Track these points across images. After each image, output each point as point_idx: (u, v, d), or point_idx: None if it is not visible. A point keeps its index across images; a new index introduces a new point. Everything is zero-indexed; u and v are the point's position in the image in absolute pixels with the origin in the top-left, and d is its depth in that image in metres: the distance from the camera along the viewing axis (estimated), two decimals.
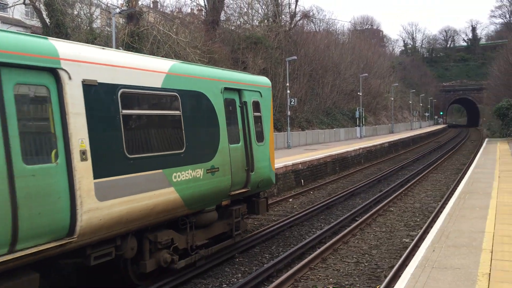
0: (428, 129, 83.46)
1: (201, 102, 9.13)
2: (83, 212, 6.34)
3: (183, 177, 8.32)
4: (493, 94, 72.22)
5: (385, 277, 9.03)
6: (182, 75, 8.76)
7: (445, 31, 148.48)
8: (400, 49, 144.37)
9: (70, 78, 6.36)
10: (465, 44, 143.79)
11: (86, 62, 6.73)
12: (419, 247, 8.51)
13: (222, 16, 44.96)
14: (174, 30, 31.64)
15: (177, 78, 8.52)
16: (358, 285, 8.99)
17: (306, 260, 10.00)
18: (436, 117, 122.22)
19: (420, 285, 6.32)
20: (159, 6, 43.14)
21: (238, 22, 49.47)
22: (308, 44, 51.40)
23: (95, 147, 6.58)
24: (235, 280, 9.29)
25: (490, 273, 6.71)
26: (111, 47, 22.66)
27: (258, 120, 11.19)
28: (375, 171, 27.71)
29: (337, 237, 11.92)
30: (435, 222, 10.52)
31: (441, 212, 11.64)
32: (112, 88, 7.05)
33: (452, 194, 14.78)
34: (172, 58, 22.04)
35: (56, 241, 6.05)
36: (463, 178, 18.50)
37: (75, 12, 31.95)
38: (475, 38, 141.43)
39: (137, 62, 7.81)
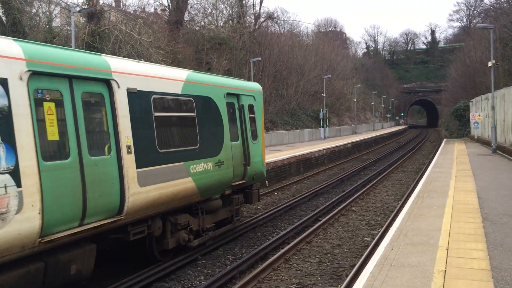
0: (390, 129, 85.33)
1: (210, 106, 10.77)
2: (129, 196, 7.86)
3: (198, 169, 9.94)
4: (451, 95, 74.58)
5: (347, 276, 9.17)
6: (195, 82, 10.38)
7: (406, 34, 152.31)
8: (363, 51, 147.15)
9: (118, 87, 7.92)
10: (424, 47, 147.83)
11: (129, 73, 8.29)
12: (379, 245, 8.67)
13: (186, 17, 44.67)
14: (137, 30, 31.16)
15: (192, 85, 10.14)
16: (320, 284, 9.09)
17: (269, 261, 10.04)
18: (397, 118, 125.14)
19: (378, 284, 6.44)
20: (121, 5, 42.40)
21: (203, 23, 49.26)
22: (272, 46, 51.70)
23: (136, 143, 8.14)
24: (198, 282, 9.23)
25: (445, 270, 6.90)
26: (71, 46, 22.14)
27: (252, 121, 12.91)
28: (339, 171, 28.11)
29: (300, 237, 12.01)
30: (395, 220, 10.75)
31: (401, 211, 11.91)
32: (147, 95, 8.65)
33: (412, 193, 15.15)
34: (134, 58, 21.71)
35: (110, 218, 7.59)
36: (422, 177, 19.01)
37: (34, 10, 31.02)
38: (434, 41, 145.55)
39: (163, 72, 9.46)
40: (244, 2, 51.11)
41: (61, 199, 6.67)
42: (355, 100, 74.06)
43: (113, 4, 42.32)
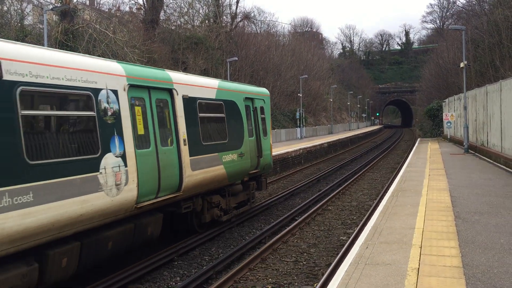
0: (365, 129, 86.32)
1: (234, 108, 13.35)
2: (185, 177, 10.43)
3: (227, 158, 12.53)
4: (425, 96, 75.89)
5: (322, 275, 9.23)
6: (224, 89, 12.98)
7: (381, 35, 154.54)
8: (339, 52, 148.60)
9: (177, 94, 10.55)
10: (399, 48, 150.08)
11: (183, 84, 10.94)
12: (354, 244, 8.75)
13: (162, 16, 44.30)
14: (112, 28, 30.76)
15: (222, 92, 12.78)
16: (296, 284, 9.13)
17: (246, 261, 10.03)
18: (372, 118, 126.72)
19: (353, 282, 6.50)
20: (95, 4, 41.76)
21: (179, 22, 48.92)
22: (249, 45, 51.74)
23: (189, 137, 10.73)
24: (174, 283, 9.16)
25: (419, 268, 7.00)
26: (43, 45, 21.70)
27: (263, 120, 15.60)
28: (315, 171, 28.29)
29: (277, 237, 12.04)
30: (370, 219, 10.86)
31: (376, 210, 12.04)
32: (194, 100, 11.29)
33: (386, 192, 15.34)
34: (109, 58, 21.44)
35: (172, 194, 10.13)
36: (396, 176, 19.27)
37: (5, 8, 30.30)
38: (408, 42, 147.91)
39: (203, 81, 12.27)
40: (220, 1, 51.01)
41: (147, 177, 9.17)
42: (331, 100, 74.69)
43: (87, 3, 41.64)
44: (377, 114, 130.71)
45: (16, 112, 6.51)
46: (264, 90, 16.70)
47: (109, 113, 8.41)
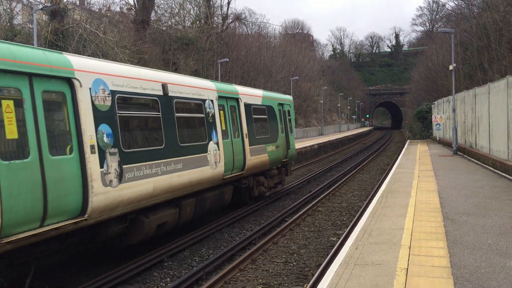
0: (356, 131, 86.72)
1: (272, 111, 17.78)
2: (247, 160, 14.68)
3: (269, 149, 16.83)
4: (414, 98, 76.44)
5: (312, 275, 9.27)
6: (266, 97, 17.53)
7: (371, 37, 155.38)
8: (329, 54, 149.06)
9: (241, 101, 14.93)
10: (389, 50, 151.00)
11: (244, 94, 15.39)
12: (344, 245, 8.80)
13: (153, 16, 44.19)
14: (102, 29, 30.61)
15: (265, 99, 17.34)
16: (286, 284, 9.16)
17: (236, 262, 10.04)
18: (362, 119, 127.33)
19: (343, 282, 6.54)
20: (85, 4, 41.56)
21: (170, 23, 48.82)
22: (240, 47, 51.75)
23: (248, 132, 15.04)
24: (164, 284, 9.14)
25: (407, 268, 7.07)
26: (33, 44, 21.54)
27: (289, 121, 20.03)
28: (305, 172, 28.37)
29: (267, 238, 12.07)
30: (359, 220, 10.93)
31: (365, 211, 12.12)
32: (250, 105, 15.64)
33: (376, 193, 15.43)
34: (99, 58, 21.35)
35: (239, 172, 14.28)
36: (386, 178, 19.39)
37: None
38: (398, 45, 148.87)
39: (254, 92, 16.96)
40: (211, 3, 50.97)
41: (228, 159, 13.38)
42: (322, 101, 74.94)
43: (78, 2, 41.41)
44: (367, 116, 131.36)
45: (174, 114, 10.89)
46: (290, 97, 21.56)
47: (210, 115, 12.75)
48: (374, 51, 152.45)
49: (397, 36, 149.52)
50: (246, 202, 16.08)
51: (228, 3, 53.86)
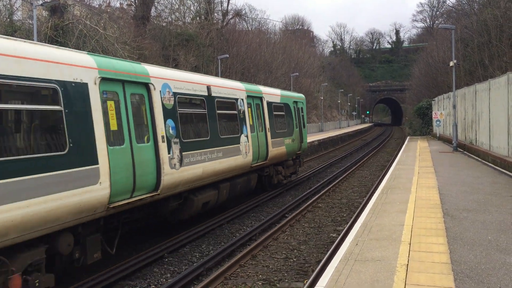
0: (356, 127, 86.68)
1: (288, 108, 20.03)
2: (269, 152, 16.76)
3: (286, 142, 18.94)
4: (414, 94, 76.37)
5: (313, 271, 9.28)
6: (283, 96, 19.78)
7: (371, 33, 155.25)
8: (330, 50, 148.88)
9: (264, 99, 17.13)
10: (389, 46, 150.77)
11: (266, 93, 17.59)
12: (344, 241, 8.81)
13: (153, 12, 44.10)
14: (102, 24, 30.55)
15: (282, 97, 19.54)
16: (286, 280, 9.17)
17: (236, 257, 10.05)
18: (363, 116, 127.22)
19: (343, 278, 6.55)
20: (85, 0, 41.43)
21: (170, 19, 48.72)
22: (240, 43, 51.65)
23: (270, 127, 17.27)
24: (164, 280, 9.16)
25: (408, 264, 7.08)
26: (33, 39, 21.50)
27: (302, 117, 22.37)
28: (305, 168, 28.35)
29: (267, 234, 12.08)
30: (359, 216, 10.94)
31: (366, 207, 12.12)
32: (271, 103, 17.86)
33: (376, 189, 15.44)
34: (99, 53, 21.31)
35: (263, 162, 16.36)
36: (386, 174, 19.39)
37: None
38: (398, 41, 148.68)
39: (274, 91, 19.19)
40: None
41: (255, 149, 15.56)
42: (322, 98, 74.87)
43: None
44: (368, 112, 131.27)
45: (215, 111, 13.05)
46: (302, 95, 23.82)
47: (241, 112, 14.98)
48: (374, 47, 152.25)
49: (397, 33, 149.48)
50: (266, 189, 18.20)
51: None
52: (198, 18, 50.29)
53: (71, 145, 7.52)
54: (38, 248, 7.11)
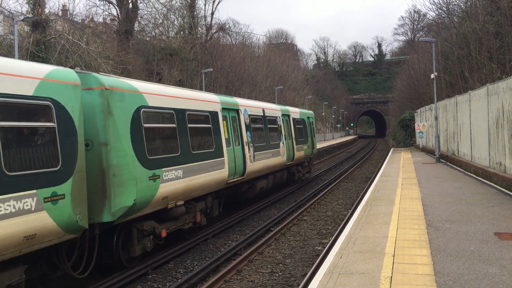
0: (340, 139, 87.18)
1: (304, 122, 26.47)
2: (295, 155, 23.38)
3: (304, 147, 25.24)
4: (397, 106, 77.16)
5: (298, 285, 9.24)
6: (301, 113, 26.44)
7: (354, 46, 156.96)
8: (313, 63, 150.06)
9: (290, 116, 23.86)
10: (372, 59, 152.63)
11: (291, 112, 24.51)
12: (329, 254, 8.80)
13: (136, 27, 44.04)
14: (85, 39, 30.41)
15: (301, 114, 26.27)
16: None
17: (221, 273, 9.97)
18: (347, 128, 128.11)
19: None
20: (68, 15, 41.26)
21: (153, 33, 48.72)
22: (224, 57, 51.83)
23: (294, 136, 23.92)
24: None
25: (392, 276, 7.09)
26: (14, 56, 21.32)
27: (313, 129, 28.42)
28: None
29: (252, 248, 12.02)
30: (344, 229, 10.94)
31: (350, 219, 12.14)
32: (295, 119, 24.69)
33: (361, 201, 15.49)
34: (82, 68, 21.25)
35: (290, 162, 22.79)
36: (370, 186, 19.49)
37: None
38: (381, 54, 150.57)
39: (295, 109, 26.15)
40: (195, 13, 51.06)
41: (287, 153, 22.13)
42: None
43: (60, 13, 41.10)
44: (352, 124, 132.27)
45: (267, 125, 19.63)
46: (312, 112, 30.37)
47: (280, 126, 21.18)
48: (357, 60, 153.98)
49: (379, 46, 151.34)
50: (289, 184, 24.02)
51: (212, 13, 54.11)
52: (182, 33, 50.40)
53: (214, 145, 13.64)
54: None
